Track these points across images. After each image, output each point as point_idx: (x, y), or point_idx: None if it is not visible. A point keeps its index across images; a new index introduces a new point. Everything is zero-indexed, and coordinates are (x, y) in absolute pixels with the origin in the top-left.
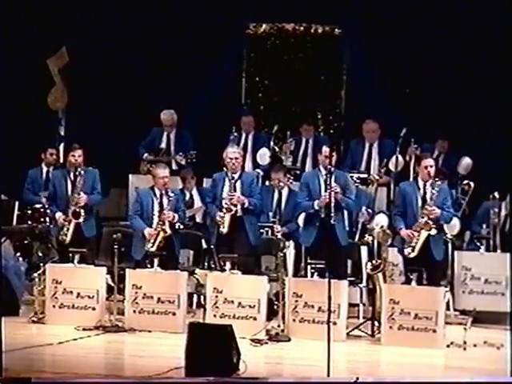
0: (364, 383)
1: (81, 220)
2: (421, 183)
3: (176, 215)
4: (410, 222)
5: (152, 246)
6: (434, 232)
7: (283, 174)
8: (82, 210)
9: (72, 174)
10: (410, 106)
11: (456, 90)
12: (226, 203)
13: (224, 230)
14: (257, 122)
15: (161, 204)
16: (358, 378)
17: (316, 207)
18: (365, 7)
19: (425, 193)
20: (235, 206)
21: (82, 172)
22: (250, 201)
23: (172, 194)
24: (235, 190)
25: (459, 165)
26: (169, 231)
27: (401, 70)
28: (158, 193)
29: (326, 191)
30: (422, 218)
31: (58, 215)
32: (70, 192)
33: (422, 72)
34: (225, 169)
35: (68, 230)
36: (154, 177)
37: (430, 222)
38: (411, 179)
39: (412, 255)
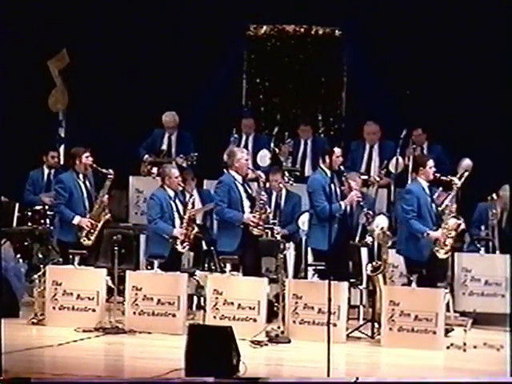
0: (364, 383)
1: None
2: (425, 184)
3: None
4: (428, 224)
5: (185, 247)
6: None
7: (281, 176)
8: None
9: (82, 177)
10: (410, 107)
11: (456, 91)
12: (261, 205)
13: (260, 231)
14: (257, 123)
15: (176, 203)
16: (357, 378)
17: (343, 207)
18: (365, 9)
19: (431, 193)
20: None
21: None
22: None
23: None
24: (266, 193)
25: (459, 166)
26: (196, 228)
27: (401, 72)
28: (171, 193)
29: (340, 192)
30: (450, 217)
31: (78, 219)
32: (85, 195)
33: (422, 73)
34: (232, 172)
35: (94, 232)
36: (168, 178)
37: (459, 221)
38: (409, 181)
39: (446, 256)
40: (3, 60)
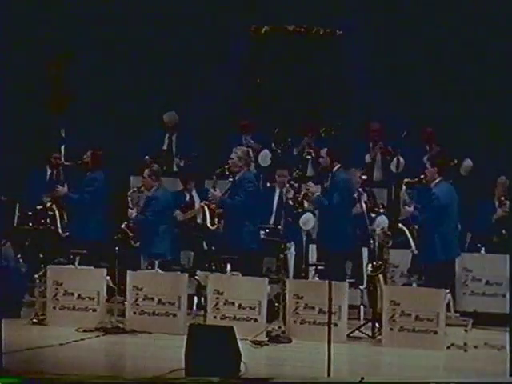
0: (369, 383)
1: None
2: None
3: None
4: None
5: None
6: None
7: (288, 172)
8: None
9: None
10: (410, 107)
11: (457, 90)
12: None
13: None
14: (257, 123)
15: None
16: (362, 378)
17: None
18: (365, 8)
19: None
20: (210, 202)
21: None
22: (223, 198)
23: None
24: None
25: (461, 166)
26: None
27: (401, 71)
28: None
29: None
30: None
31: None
32: None
33: (422, 73)
34: None
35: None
36: None
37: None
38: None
39: None
40: (4, 60)
